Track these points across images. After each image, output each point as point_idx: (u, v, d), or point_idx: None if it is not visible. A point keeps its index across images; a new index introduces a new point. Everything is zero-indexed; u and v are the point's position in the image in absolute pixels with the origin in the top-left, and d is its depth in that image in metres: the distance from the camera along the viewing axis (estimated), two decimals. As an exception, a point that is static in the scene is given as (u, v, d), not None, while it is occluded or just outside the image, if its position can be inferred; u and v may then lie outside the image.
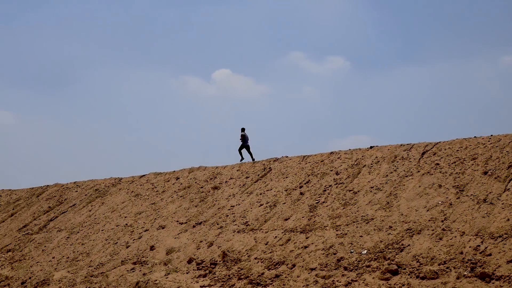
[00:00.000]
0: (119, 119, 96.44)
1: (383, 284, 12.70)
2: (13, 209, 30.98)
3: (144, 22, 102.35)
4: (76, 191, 30.38)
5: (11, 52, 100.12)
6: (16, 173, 78.11)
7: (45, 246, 23.36)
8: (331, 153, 22.41)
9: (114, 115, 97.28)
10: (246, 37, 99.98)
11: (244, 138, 29.34)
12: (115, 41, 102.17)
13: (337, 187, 19.05)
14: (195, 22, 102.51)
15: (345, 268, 13.85)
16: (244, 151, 29.39)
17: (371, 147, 21.45)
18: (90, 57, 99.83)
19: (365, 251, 14.36)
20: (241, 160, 28.51)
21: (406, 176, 17.98)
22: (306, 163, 22.28)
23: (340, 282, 13.35)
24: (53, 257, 21.68)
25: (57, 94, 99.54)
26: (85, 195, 29.07)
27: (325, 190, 19.11)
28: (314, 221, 17.10)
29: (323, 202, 18.29)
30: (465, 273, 12.22)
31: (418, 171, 17.98)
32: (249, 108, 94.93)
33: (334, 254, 14.73)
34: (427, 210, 15.36)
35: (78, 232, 23.70)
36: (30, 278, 20.13)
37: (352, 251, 14.54)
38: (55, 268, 20.41)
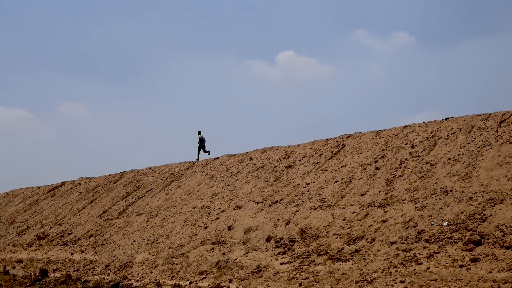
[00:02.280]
0: (187, 105, 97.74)
1: (466, 255, 12.49)
2: (92, 196, 31.88)
3: (207, 8, 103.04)
4: (152, 176, 30.99)
5: (81, 46, 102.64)
6: (92, 162, 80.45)
7: (125, 230, 23.96)
8: (405, 126, 22.09)
9: (182, 102, 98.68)
10: (308, 18, 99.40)
11: (201, 140, 34.08)
12: (178, 29, 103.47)
13: (413, 160, 18.80)
14: (257, 5, 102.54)
15: (426, 241, 13.68)
16: (201, 151, 33.99)
17: (446, 119, 21.02)
18: (156, 46, 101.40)
19: (446, 222, 14.13)
20: (196, 159, 32.71)
21: (485, 146, 17.56)
22: (380, 138, 22.04)
23: (422, 254, 13.21)
24: (134, 241, 22.22)
25: (126, 84, 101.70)
26: (161, 179, 29.62)
27: (401, 164, 18.89)
28: (391, 195, 16.94)
29: (400, 175, 18.08)
30: (552, 241, 11.90)
31: (497, 141, 17.53)
32: (314, 89, 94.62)
33: (414, 227, 14.57)
34: (508, 179, 14.98)
35: (156, 216, 24.20)
36: (113, 261, 20.70)
37: (433, 223, 14.34)
38: (137, 251, 20.92)
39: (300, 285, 13.96)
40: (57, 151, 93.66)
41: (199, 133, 34.30)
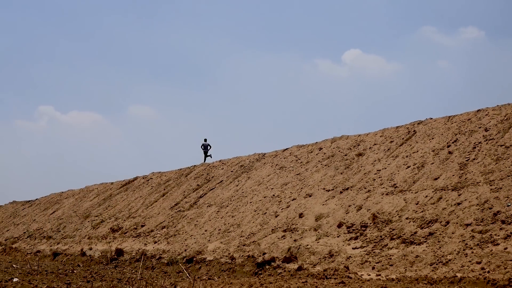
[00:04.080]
0: (254, 103, 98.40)
1: (546, 235, 12.14)
2: (164, 189, 32.40)
3: (273, 7, 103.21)
4: (222, 169, 31.27)
5: (149, 50, 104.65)
6: (162, 161, 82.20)
7: (197, 221, 24.23)
8: (478, 110, 21.58)
9: (249, 100, 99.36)
10: (374, 16, 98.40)
11: (205, 147, 39.34)
12: (244, 29, 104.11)
13: (487, 143, 18.34)
14: (322, 4, 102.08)
15: (503, 222, 13.34)
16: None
17: (521, 101, 20.46)
18: (222, 46, 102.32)
19: (523, 203, 13.76)
20: (203, 162, 37.03)
21: None
22: (452, 123, 21.60)
23: (498, 235, 12.89)
24: (206, 230, 22.45)
25: (193, 84, 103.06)
26: (231, 171, 29.85)
27: (474, 147, 18.46)
28: (465, 178, 16.58)
29: (474, 159, 17.67)
30: None
31: None
32: (382, 87, 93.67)
33: (490, 208, 14.22)
34: None
35: (227, 206, 24.39)
36: (185, 250, 20.97)
37: (509, 204, 13.96)
38: (209, 240, 21.12)
39: (373, 268, 13.84)
40: (128, 152, 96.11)
41: (205, 140, 39.55)
